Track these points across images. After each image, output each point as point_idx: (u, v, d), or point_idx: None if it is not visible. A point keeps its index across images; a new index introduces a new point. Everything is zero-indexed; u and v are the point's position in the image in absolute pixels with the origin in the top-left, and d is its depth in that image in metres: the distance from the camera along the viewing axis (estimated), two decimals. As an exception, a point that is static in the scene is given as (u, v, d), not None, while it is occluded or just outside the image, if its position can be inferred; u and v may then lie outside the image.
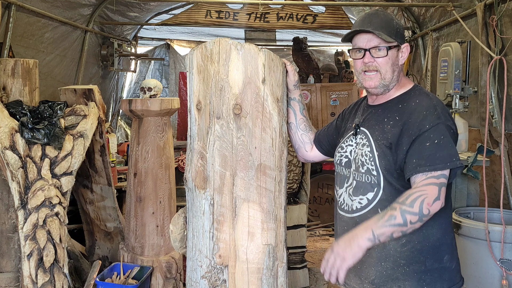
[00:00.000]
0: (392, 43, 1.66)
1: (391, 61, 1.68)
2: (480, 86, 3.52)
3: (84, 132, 3.03)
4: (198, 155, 1.65)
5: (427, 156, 1.53)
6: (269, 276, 1.68)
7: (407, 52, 1.72)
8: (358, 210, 1.70)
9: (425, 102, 1.65)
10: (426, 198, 1.48)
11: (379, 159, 1.64)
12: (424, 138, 1.56)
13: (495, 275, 2.84)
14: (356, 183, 1.72)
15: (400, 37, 1.69)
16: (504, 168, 3.06)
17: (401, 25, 1.71)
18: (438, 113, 1.60)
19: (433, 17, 4.85)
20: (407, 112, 1.64)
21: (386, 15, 1.70)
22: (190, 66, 1.66)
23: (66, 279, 2.83)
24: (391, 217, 1.49)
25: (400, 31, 1.69)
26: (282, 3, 6.10)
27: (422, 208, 1.48)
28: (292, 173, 3.62)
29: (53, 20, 4.19)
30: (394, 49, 1.68)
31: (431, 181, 1.51)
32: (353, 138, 1.78)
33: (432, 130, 1.56)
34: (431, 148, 1.54)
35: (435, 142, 1.54)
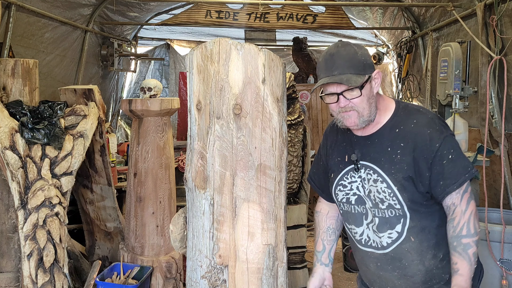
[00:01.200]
0: (363, 79, 1.60)
1: (366, 97, 1.62)
2: (480, 86, 3.52)
3: (84, 132, 3.03)
4: (198, 155, 1.65)
5: (448, 174, 1.58)
6: (269, 276, 1.68)
7: (380, 77, 1.66)
8: (390, 245, 1.69)
9: (422, 119, 1.64)
10: (475, 216, 1.60)
11: (400, 193, 1.62)
12: (439, 158, 1.58)
13: (495, 275, 2.84)
14: (379, 219, 1.69)
15: (369, 68, 1.62)
16: (504, 168, 3.06)
17: (367, 54, 1.63)
18: (439, 126, 1.62)
19: (433, 17, 4.85)
20: (410, 136, 1.62)
21: (348, 50, 1.60)
22: (190, 66, 1.66)
23: (66, 279, 2.83)
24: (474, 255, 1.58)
25: (367, 62, 1.61)
26: (282, 3, 6.10)
27: (477, 226, 1.60)
28: (292, 173, 3.62)
29: (53, 20, 4.19)
30: (367, 84, 1.61)
31: (467, 196, 1.60)
32: (355, 173, 1.73)
33: (443, 147, 1.58)
34: (448, 166, 1.58)
35: (449, 158, 1.58)
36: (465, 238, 1.58)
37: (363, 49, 1.63)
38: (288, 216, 2.77)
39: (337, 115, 1.70)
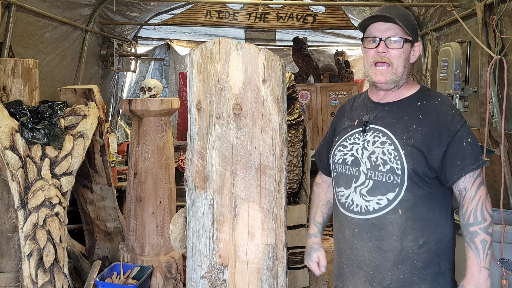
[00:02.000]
0: (408, 36, 1.65)
1: (404, 55, 1.65)
2: (480, 86, 3.52)
3: (84, 132, 3.03)
4: (198, 155, 1.65)
5: (469, 155, 1.58)
6: (269, 276, 1.68)
7: (419, 52, 1.71)
8: (375, 211, 1.63)
9: (446, 101, 1.67)
10: (485, 202, 1.57)
11: (406, 158, 1.59)
12: (459, 139, 1.58)
13: (495, 275, 2.84)
14: (374, 182, 1.64)
15: (415, 34, 1.68)
16: (504, 168, 3.06)
17: (416, 23, 1.70)
18: (460, 112, 1.65)
19: (433, 17, 4.85)
20: (433, 111, 1.63)
21: (405, 10, 1.68)
22: (190, 66, 1.66)
23: (66, 279, 2.83)
24: (482, 242, 1.55)
25: (416, 28, 1.68)
26: (282, 3, 6.09)
27: (489, 212, 1.57)
28: (292, 173, 3.62)
29: (53, 20, 4.19)
30: (408, 44, 1.66)
31: (479, 181, 1.59)
32: (360, 135, 1.71)
33: (463, 129, 1.60)
34: (468, 147, 1.58)
35: (469, 141, 1.59)
36: (472, 226, 1.56)
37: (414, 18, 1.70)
38: (288, 216, 2.77)
39: (369, 68, 1.68)
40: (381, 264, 1.63)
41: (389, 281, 1.63)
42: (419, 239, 1.60)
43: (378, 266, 1.64)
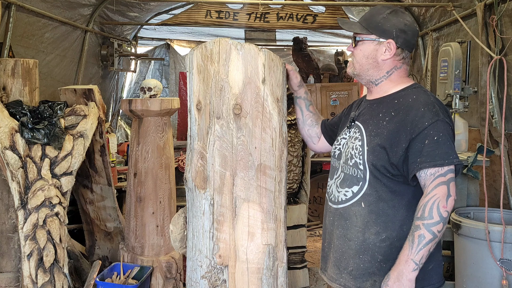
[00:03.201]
0: (366, 36, 1.69)
1: (363, 54, 1.71)
2: (480, 86, 3.52)
3: (84, 132, 3.03)
4: (198, 155, 1.65)
5: (426, 153, 1.55)
6: (269, 276, 1.68)
7: (390, 49, 1.68)
8: (342, 202, 1.74)
9: (422, 98, 1.64)
10: (440, 202, 1.52)
11: (368, 154, 1.66)
12: (423, 136, 1.57)
13: (495, 275, 2.83)
14: (344, 175, 1.75)
15: (381, 32, 1.67)
16: (504, 168, 3.06)
17: (393, 23, 1.67)
18: (437, 109, 1.60)
19: (433, 17, 4.85)
20: (404, 109, 1.64)
21: (381, 9, 1.71)
22: (190, 66, 1.66)
23: (66, 279, 2.83)
24: (420, 237, 1.52)
25: (384, 27, 1.67)
26: (282, 3, 6.09)
27: (441, 213, 1.52)
28: (292, 173, 3.62)
29: (53, 20, 4.19)
30: (369, 43, 1.69)
31: (440, 180, 1.54)
32: (347, 131, 1.81)
33: (431, 127, 1.56)
34: (430, 145, 1.55)
35: (434, 139, 1.55)
36: (417, 220, 1.54)
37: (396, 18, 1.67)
38: (288, 216, 2.77)
39: None
40: (345, 251, 1.73)
41: (351, 268, 1.72)
42: (382, 233, 1.65)
43: (344, 253, 1.74)
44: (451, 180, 1.55)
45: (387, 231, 1.65)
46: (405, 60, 1.72)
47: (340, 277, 1.76)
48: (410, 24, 1.69)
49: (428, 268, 1.66)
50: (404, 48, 1.69)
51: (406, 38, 1.67)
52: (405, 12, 1.73)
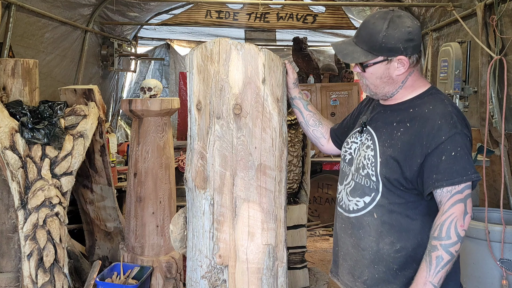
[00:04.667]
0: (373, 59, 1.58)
1: (375, 76, 1.62)
2: (480, 86, 3.52)
3: (84, 132, 3.03)
4: (198, 155, 1.65)
5: (443, 169, 1.49)
6: (269, 276, 1.68)
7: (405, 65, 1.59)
8: (354, 211, 1.70)
9: (439, 108, 1.56)
10: (457, 221, 1.48)
11: (381, 167, 1.60)
12: (440, 151, 1.50)
13: (495, 275, 2.84)
14: (355, 184, 1.70)
15: (388, 51, 1.57)
16: (504, 168, 3.06)
17: (395, 37, 1.55)
18: (455, 121, 1.52)
19: (433, 17, 4.85)
20: (420, 120, 1.56)
21: (377, 25, 1.57)
22: (190, 66, 1.66)
23: (66, 279, 2.83)
24: (438, 258, 1.48)
25: (388, 45, 1.55)
26: (282, 3, 6.09)
27: (458, 232, 1.48)
28: (292, 173, 3.62)
29: (53, 20, 4.19)
30: (379, 64, 1.59)
31: (457, 198, 1.49)
32: (359, 136, 1.75)
33: (449, 142, 1.50)
34: (447, 161, 1.49)
35: (452, 154, 1.49)
36: (434, 240, 1.50)
37: (397, 30, 1.55)
38: (288, 216, 2.77)
39: None
40: (359, 260, 1.70)
41: (366, 277, 1.69)
42: (396, 244, 1.61)
43: (358, 261, 1.71)
44: (468, 197, 1.50)
45: (402, 241, 1.60)
46: (417, 62, 1.64)
47: (355, 285, 1.73)
48: (412, 27, 1.57)
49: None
50: (414, 54, 1.61)
51: (414, 44, 1.58)
52: (401, 14, 1.59)
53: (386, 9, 1.60)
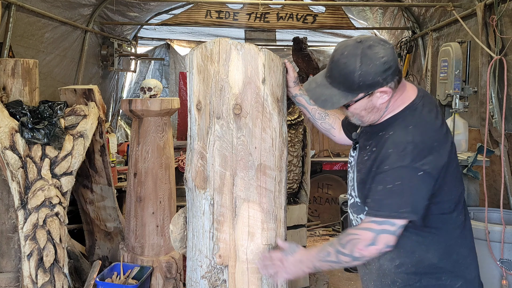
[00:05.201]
0: (352, 98, 1.50)
1: (358, 110, 1.55)
2: (480, 86, 3.52)
3: (84, 132, 3.03)
4: (198, 155, 1.65)
5: (375, 199, 1.49)
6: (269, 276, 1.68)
7: (388, 94, 1.51)
8: None
9: (397, 136, 1.50)
10: (359, 243, 1.47)
11: (357, 190, 1.64)
12: (380, 180, 1.48)
13: (495, 275, 2.84)
14: (352, 200, 1.72)
15: (367, 88, 1.48)
16: (504, 168, 3.06)
17: (370, 72, 1.45)
18: (406, 153, 1.45)
19: (433, 17, 4.85)
20: (380, 145, 1.54)
21: (349, 64, 1.45)
22: (190, 66, 1.66)
23: (66, 279, 2.83)
24: (327, 254, 1.53)
25: (366, 82, 1.46)
26: (282, 3, 6.09)
27: (353, 251, 1.48)
28: (292, 173, 3.62)
29: (53, 20, 4.19)
30: (361, 100, 1.51)
31: (370, 226, 1.48)
32: (353, 151, 1.74)
33: (390, 173, 1.46)
34: (381, 192, 1.47)
35: (387, 187, 1.46)
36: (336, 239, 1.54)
37: (372, 65, 1.45)
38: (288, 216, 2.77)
39: None
40: (367, 273, 1.75)
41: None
42: (395, 260, 1.63)
43: (366, 274, 1.76)
44: (383, 232, 1.46)
45: (400, 257, 1.61)
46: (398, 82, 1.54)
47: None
48: (386, 55, 1.46)
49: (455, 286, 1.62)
50: (394, 78, 1.51)
51: (392, 71, 1.48)
52: (371, 44, 1.47)
53: (353, 42, 1.48)
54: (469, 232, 1.68)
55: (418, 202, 1.46)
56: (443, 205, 1.55)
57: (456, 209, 1.60)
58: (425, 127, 1.52)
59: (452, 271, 1.62)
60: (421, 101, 1.59)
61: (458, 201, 1.60)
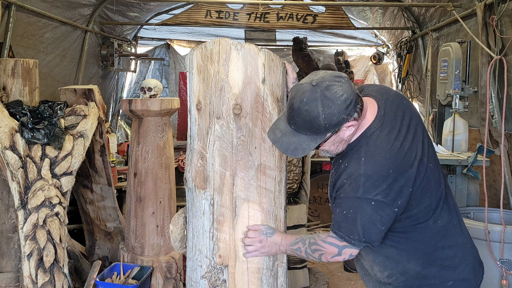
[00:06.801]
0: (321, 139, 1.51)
1: (327, 146, 1.58)
2: (480, 86, 3.52)
3: (84, 132, 3.03)
4: (198, 155, 1.65)
5: (335, 219, 1.60)
6: (269, 276, 1.68)
7: (352, 126, 1.53)
8: None
9: (350, 168, 1.55)
10: (325, 254, 1.61)
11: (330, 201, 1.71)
12: (337, 204, 1.58)
13: (495, 275, 2.84)
14: None
15: (334, 126, 1.48)
16: (504, 168, 3.06)
17: (334, 113, 1.45)
18: (358, 185, 1.50)
19: (433, 17, 4.85)
20: (338, 174, 1.60)
21: (310, 112, 1.44)
22: (190, 66, 1.66)
23: (66, 279, 2.83)
24: (298, 249, 1.64)
25: (332, 122, 1.46)
26: (282, 3, 6.09)
27: (321, 258, 1.63)
28: (292, 173, 3.62)
29: (53, 20, 4.19)
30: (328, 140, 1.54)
31: (333, 241, 1.60)
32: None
33: (344, 201, 1.55)
34: (339, 215, 1.57)
35: (343, 212, 1.55)
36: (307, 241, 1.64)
37: (333, 106, 1.44)
38: (288, 216, 2.77)
39: None
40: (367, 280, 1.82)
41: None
42: (384, 271, 1.70)
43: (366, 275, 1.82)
44: (345, 247, 1.58)
45: (388, 269, 1.68)
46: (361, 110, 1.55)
47: None
48: (344, 91, 1.46)
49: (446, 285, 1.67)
50: (356, 109, 1.52)
51: (353, 104, 1.49)
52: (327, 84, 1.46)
53: (309, 87, 1.46)
54: (456, 229, 1.68)
55: (369, 231, 1.54)
56: (415, 216, 1.58)
57: (434, 215, 1.61)
58: (378, 157, 1.53)
59: (437, 276, 1.64)
60: (379, 122, 1.58)
61: (435, 207, 1.60)
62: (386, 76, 7.28)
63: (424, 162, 1.57)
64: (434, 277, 1.63)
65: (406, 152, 1.55)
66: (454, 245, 1.66)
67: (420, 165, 1.56)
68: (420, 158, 1.56)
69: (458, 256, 1.67)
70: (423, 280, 1.64)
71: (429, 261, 1.63)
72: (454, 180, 3.35)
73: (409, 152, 1.56)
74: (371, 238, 1.55)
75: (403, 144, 1.56)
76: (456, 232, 1.68)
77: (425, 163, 1.58)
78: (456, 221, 1.69)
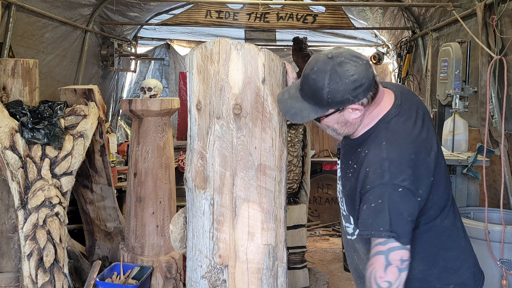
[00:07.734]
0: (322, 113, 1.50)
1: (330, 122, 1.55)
2: (480, 86, 3.52)
3: (84, 132, 3.04)
4: (198, 155, 1.65)
5: (362, 219, 1.50)
6: (269, 276, 1.68)
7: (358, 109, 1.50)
8: (349, 234, 1.73)
9: (371, 154, 1.50)
10: (377, 272, 1.45)
11: (345, 203, 1.66)
12: (365, 200, 1.49)
13: (495, 275, 2.84)
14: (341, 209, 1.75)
15: (336, 104, 1.46)
16: (504, 168, 3.06)
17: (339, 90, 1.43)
18: (383, 170, 1.45)
19: (433, 17, 4.85)
20: (359, 164, 1.54)
21: (318, 81, 1.43)
22: (190, 66, 1.66)
23: (66, 279, 2.83)
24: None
25: (335, 99, 1.44)
26: (282, 3, 6.10)
27: (378, 283, 1.45)
28: (292, 173, 3.62)
29: (53, 20, 4.19)
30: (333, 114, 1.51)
31: (378, 249, 1.46)
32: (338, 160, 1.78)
33: (371, 192, 1.46)
34: (366, 212, 1.47)
35: (372, 206, 1.45)
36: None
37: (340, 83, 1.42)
38: (288, 216, 2.77)
39: None
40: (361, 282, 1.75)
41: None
42: None
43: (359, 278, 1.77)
44: (392, 250, 1.43)
45: None
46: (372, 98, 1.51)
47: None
48: (357, 73, 1.43)
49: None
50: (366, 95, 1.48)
51: (363, 88, 1.45)
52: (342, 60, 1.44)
53: (325, 57, 1.44)
54: (459, 232, 1.67)
55: (397, 220, 1.44)
56: (426, 213, 1.54)
57: (441, 214, 1.58)
58: (399, 141, 1.50)
59: (440, 277, 1.62)
60: (396, 110, 1.56)
61: (444, 206, 1.58)
62: (386, 76, 7.28)
63: (439, 156, 1.56)
64: (435, 280, 1.62)
65: (424, 140, 1.52)
66: (457, 247, 1.65)
67: (436, 158, 1.53)
68: (436, 151, 1.54)
69: (460, 258, 1.66)
70: (424, 283, 1.63)
71: (432, 261, 1.61)
72: (454, 180, 3.36)
73: (426, 142, 1.53)
74: (397, 230, 1.43)
75: (421, 133, 1.53)
76: (459, 234, 1.67)
77: (440, 158, 1.56)
78: (460, 223, 1.68)
